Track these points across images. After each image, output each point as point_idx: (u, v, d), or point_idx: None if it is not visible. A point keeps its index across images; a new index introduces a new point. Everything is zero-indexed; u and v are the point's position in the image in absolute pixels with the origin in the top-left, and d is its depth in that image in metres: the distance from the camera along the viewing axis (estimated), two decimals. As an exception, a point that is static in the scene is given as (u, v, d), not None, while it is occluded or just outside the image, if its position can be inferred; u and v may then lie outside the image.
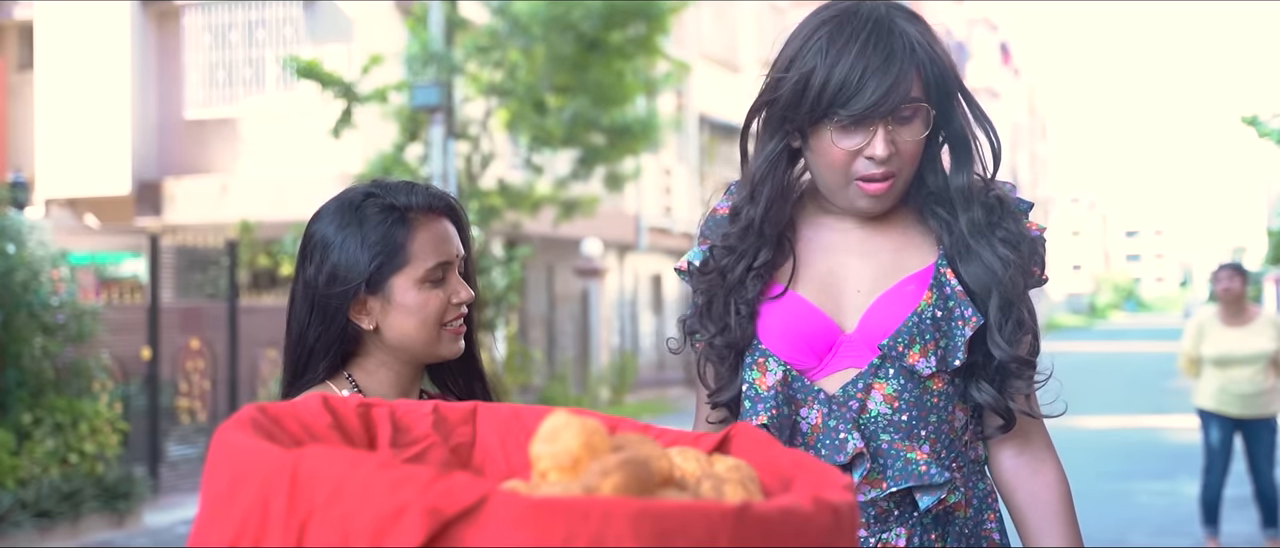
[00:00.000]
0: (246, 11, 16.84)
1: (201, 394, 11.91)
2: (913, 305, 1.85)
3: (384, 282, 1.91)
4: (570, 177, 15.17)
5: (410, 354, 1.95)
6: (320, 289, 1.94)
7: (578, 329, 20.49)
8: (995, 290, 1.85)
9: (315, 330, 1.97)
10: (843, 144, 1.82)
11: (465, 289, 1.95)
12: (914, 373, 1.83)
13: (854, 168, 1.83)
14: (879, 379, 1.84)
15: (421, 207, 1.93)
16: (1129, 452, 13.94)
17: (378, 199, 1.94)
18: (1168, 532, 9.19)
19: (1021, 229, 1.93)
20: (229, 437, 1.03)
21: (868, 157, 1.82)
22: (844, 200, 1.88)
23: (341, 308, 1.93)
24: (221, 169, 17.06)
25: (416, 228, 1.92)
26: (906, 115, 1.82)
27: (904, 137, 1.83)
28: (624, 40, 13.80)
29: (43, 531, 8.88)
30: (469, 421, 1.31)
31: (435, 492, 0.89)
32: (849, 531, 1.01)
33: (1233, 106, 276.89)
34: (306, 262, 1.97)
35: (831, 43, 1.81)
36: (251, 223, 15.46)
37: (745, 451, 1.22)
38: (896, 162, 1.83)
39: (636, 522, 0.87)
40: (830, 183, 1.87)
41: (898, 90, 1.79)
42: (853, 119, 1.79)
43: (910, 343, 1.83)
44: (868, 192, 1.84)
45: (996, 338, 1.84)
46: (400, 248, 1.91)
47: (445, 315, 1.94)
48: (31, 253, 9.24)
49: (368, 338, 1.96)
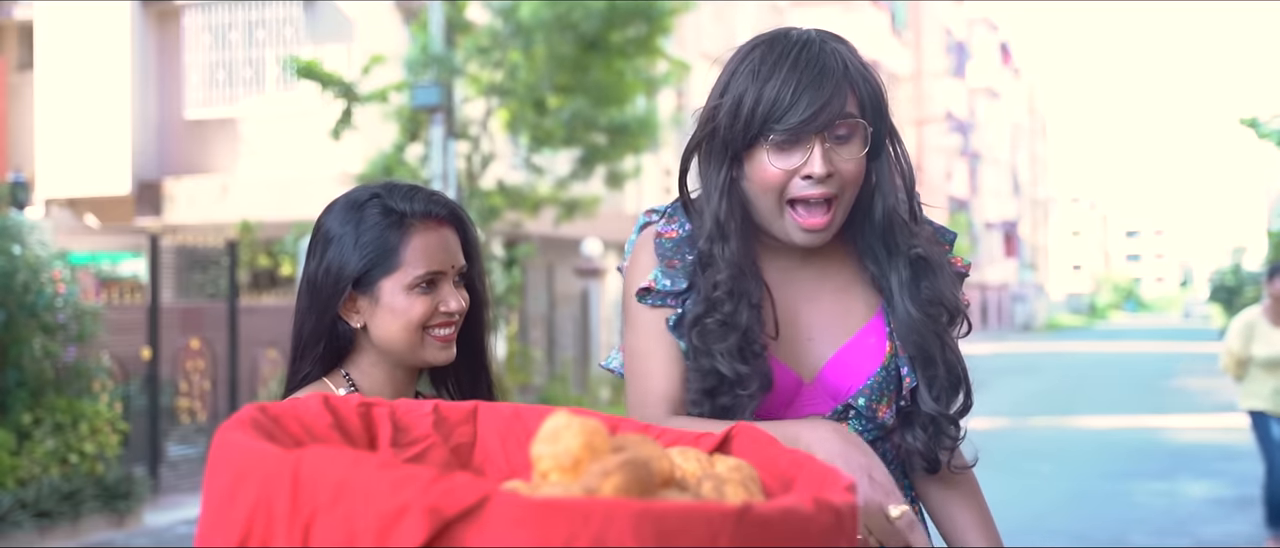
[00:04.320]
0: (246, 11, 16.84)
1: (201, 394, 11.90)
2: (877, 360, 1.85)
3: (374, 283, 1.94)
4: (570, 176, 15.17)
5: (396, 357, 1.98)
6: (316, 282, 1.97)
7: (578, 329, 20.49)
8: (914, 345, 1.85)
9: (309, 323, 1.98)
10: (778, 164, 1.78)
11: (456, 299, 1.96)
12: (880, 423, 1.86)
13: (790, 188, 1.79)
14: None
15: (419, 213, 1.95)
16: (1129, 452, 13.94)
17: (380, 201, 1.96)
18: (1168, 532, 9.19)
19: (940, 285, 1.88)
20: (230, 437, 1.03)
21: (805, 175, 1.77)
22: (780, 232, 1.83)
23: (331, 304, 1.96)
24: (221, 169, 17.06)
25: (412, 234, 1.94)
26: (843, 134, 1.79)
27: (843, 156, 1.79)
28: (624, 40, 13.80)
29: (43, 531, 8.88)
30: (470, 421, 1.31)
31: (436, 492, 0.89)
32: (850, 531, 1.01)
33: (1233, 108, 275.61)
34: (310, 254, 2.00)
35: (763, 63, 1.79)
36: (251, 223, 15.46)
37: (746, 451, 1.22)
38: (836, 182, 1.79)
39: (637, 523, 0.87)
40: (766, 209, 1.82)
41: (832, 105, 1.76)
42: (788, 135, 1.76)
43: (879, 398, 1.85)
44: (803, 225, 1.80)
45: (923, 394, 1.85)
46: (392, 252, 1.93)
47: (431, 321, 1.95)
48: (32, 253, 9.24)
49: (360, 336, 1.98)
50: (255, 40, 16.81)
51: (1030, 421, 16.69)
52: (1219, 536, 9.12)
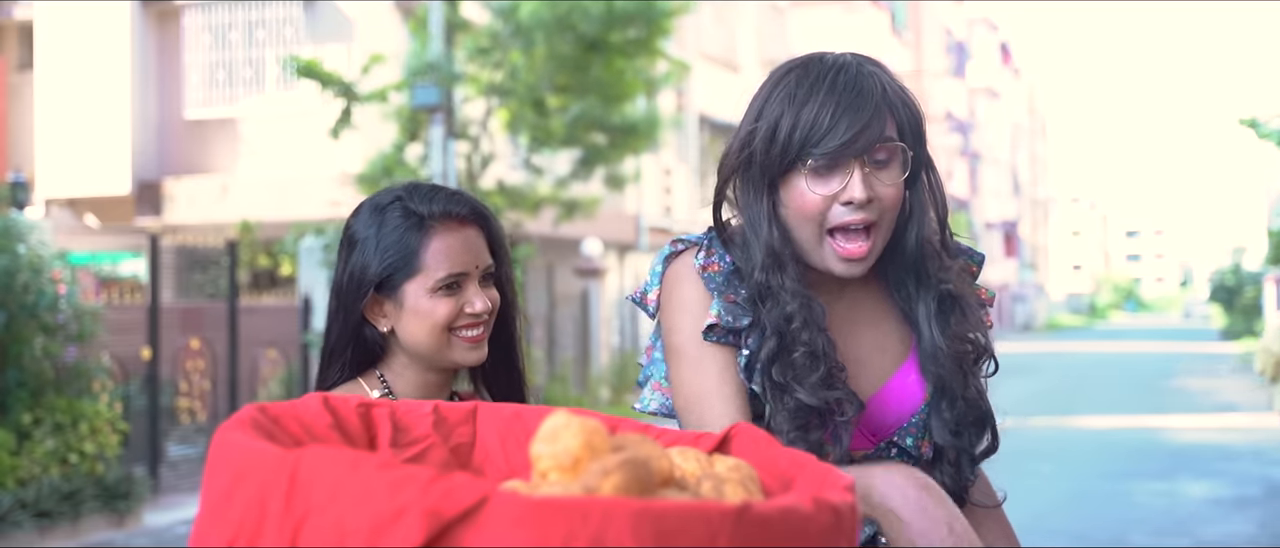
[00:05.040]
0: (246, 11, 16.84)
1: (201, 394, 11.91)
2: (918, 399, 1.84)
3: (397, 287, 1.93)
4: (570, 177, 15.17)
5: (425, 359, 1.96)
6: (342, 287, 1.97)
7: (578, 329, 20.48)
8: (935, 384, 1.82)
9: (336, 327, 1.98)
10: (817, 190, 1.73)
11: (481, 299, 1.94)
12: (919, 461, 1.84)
13: (830, 216, 1.74)
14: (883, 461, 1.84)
15: (439, 214, 1.93)
16: (1129, 452, 13.94)
17: (401, 203, 1.94)
18: (1168, 532, 9.19)
19: (970, 322, 1.86)
20: (229, 437, 1.03)
21: (845, 201, 1.73)
22: (818, 260, 1.78)
23: (355, 308, 1.95)
24: (221, 169, 17.06)
25: (432, 236, 1.92)
26: (882, 158, 1.74)
27: (883, 181, 1.74)
28: (624, 41, 13.80)
29: (43, 531, 8.88)
30: (469, 421, 1.31)
31: (435, 493, 0.89)
32: (849, 531, 1.01)
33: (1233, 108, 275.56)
34: (338, 258, 2.00)
35: (799, 87, 1.74)
36: (251, 223, 15.46)
37: (745, 450, 1.22)
38: (876, 208, 1.74)
39: (636, 522, 0.87)
40: (805, 238, 1.77)
41: (872, 128, 1.71)
42: (827, 160, 1.72)
43: (923, 435, 1.84)
44: (842, 254, 1.75)
45: (935, 426, 1.82)
46: (413, 255, 1.92)
47: (456, 323, 1.93)
48: (32, 253, 9.24)
49: (391, 339, 1.97)
50: (255, 40, 16.81)
51: (1030, 421, 16.69)
52: (1219, 536, 9.12)
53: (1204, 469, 12.44)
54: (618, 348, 21.75)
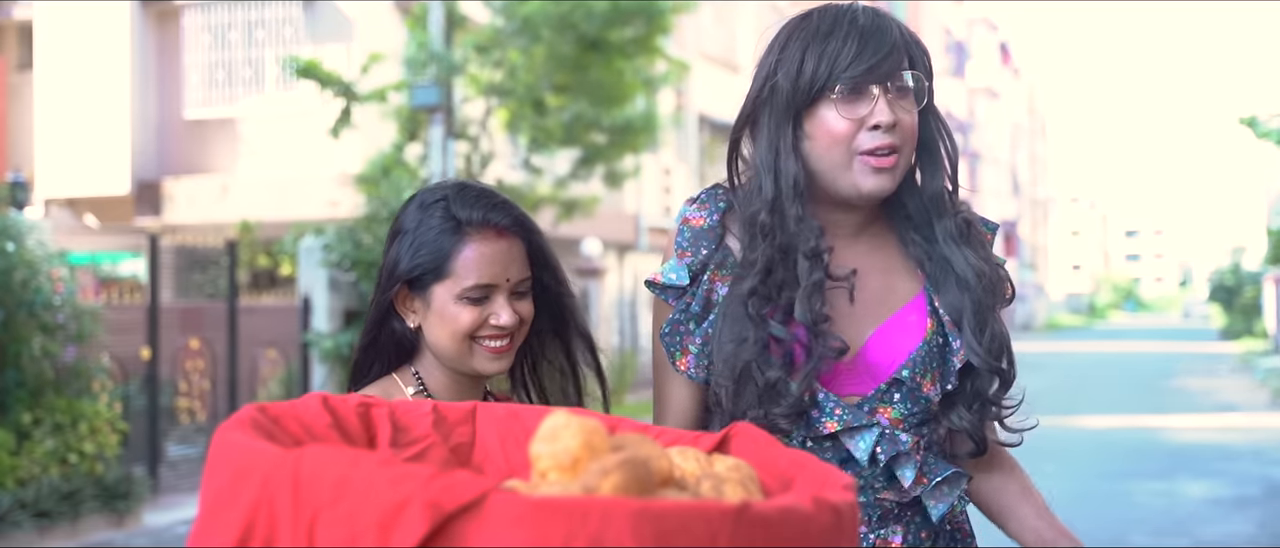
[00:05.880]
0: (246, 11, 16.83)
1: (201, 394, 11.90)
2: (920, 335, 1.86)
3: (427, 287, 1.93)
4: (570, 176, 15.17)
5: (447, 362, 1.96)
6: (382, 273, 1.97)
7: (577, 329, 20.47)
8: (969, 305, 1.87)
9: (372, 311, 1.99)
10: (845, 114, 1.81)
11: (508, 313, 1.92)
12: (925, 400, 1.86)
13: (857, 141, 1.81)
14: (885, 404, 1.85)
15: (478, 222, 1.92)
16: (1129, 452, 13.94)
17: (445, 204, 1.94)
18: (1168, 532, 9.19)
19: (989, 252, 1.95)
20: (229, 436, 1.04)
21: (873, 125, 1.80)
22: (847, 183, 1.83)
23: (385, 297, 1.96)
24: (221, 169, 17.06)
25: (467, 243, 1.91)
26: (903, 86, 1.83)
27: (904, 107, 1.83)
28: (624, 40, 13.80)
29: (43, 531, 8.88)
30: (468, 421, 1.31)
31: (436, 488, 0.89)
32: (850, 531, 1.01)
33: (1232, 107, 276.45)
34: (387, 242, 2.00)
35: (820, 25, 1.84)
36: (251, 223, 15.46)
37: (745, 450, 1.22)
38: (899, 134, 1.82)
39: (636, 522, 0.87)
40: (832, 164, 1.83)
41: (894, 56, 1.81)
42: (852, 84, 1.80)
43: (924, 372, 1.85)
44: (874, 166, 1.81)
45: (976, 348, 1.85)
46: (445, 259, 1.91)
47: (480, 333, 1.92)
48: (31, 253, 9.24)
49: (420, 335, 1.97)
50: (255, 40, 16.81)
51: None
52: (1218, 536, 9.12)
53: (1204, 469, 12.44)
54: (618, 348, 21.76)
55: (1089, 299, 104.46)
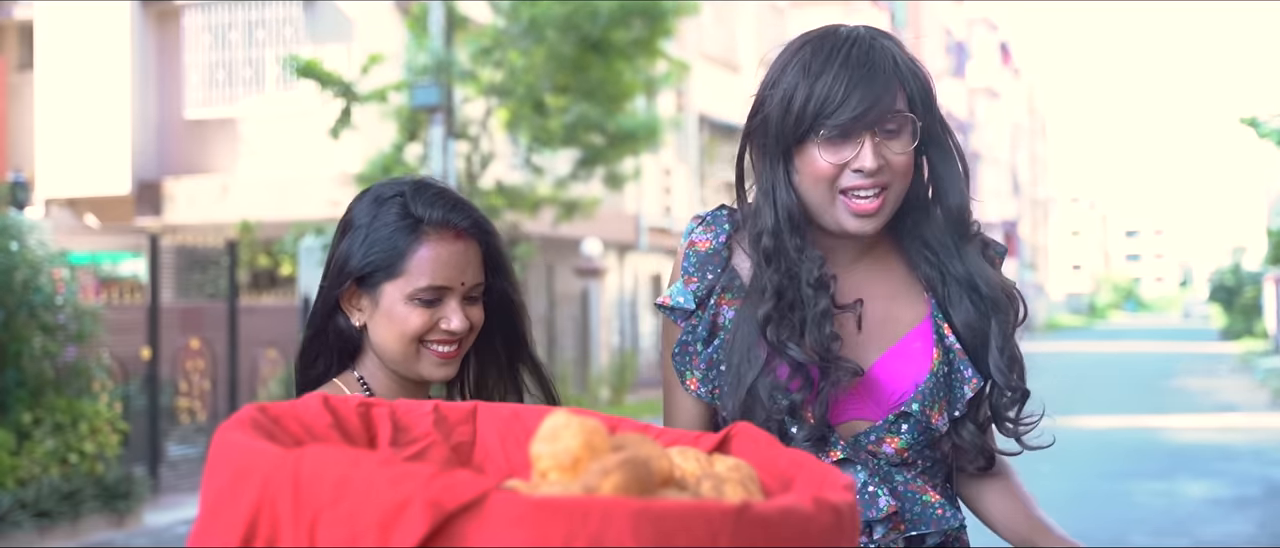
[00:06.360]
0: (246, 11, 16.83)
1: (201, 394, 11.91)
2: (927, 366, 1.86)
3: (377, 285, 1.86)
4: (570, 177, 15.17)
5: (391, 365, 1.89)
6: (328, 268, 1.91)
7: (578, 329, 20.50)
8: (995, 327, 1.87)
9: (317, 306, 1.92)
10: (829, 158, 1.80)
11: (459, 318, 1.85)
12: (931, 430, 1.86)
13: (841, 181, 1.80)
14: (892, 434, 1.85)
15: (437, 221, 1.85)
16: (1129, 452, 13.94)
17: (402, 201, 1.87)
18: (1168, 532, 9.19)
19: (1002, 274, 1.94)
20: (229, 437, 1.04)
21: (856, 169, 1.79)
22: (831, 220, 1.83)
23: (332, 293, 1.89)
24: (221, 169, 17.06)
25: (423, 242, 1.84)
26: (892, 128, 1.81)
27: (893, 150, 1.81)
28: (625, 41, 13.79)
29: (43, 531, 8.88)
30: (469, 420, 1.31)
31: (437, 487, 0.89)
32: (850, 531, 1.01)
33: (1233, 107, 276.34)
34: (334, 237, 1.93)
35: (813, 59, 1.81)
36: (251, 223, 15.46)
37: (745, 450, 1.22)
38: (887, 173, 1.81)
39: (636, 522, 0.87)
40: (817, 200, 1.83)
41: (883, 102, 1.78)
42: (839, 131, 1.78)
43: (932, 404, 1.85)
44: (855, 210, 1.81)
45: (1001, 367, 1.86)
46: (399, 257, 1.84)
47: (429, 336, 1.86)
48: (32, 253, 9.24)
49: (365, 335, 1.90)
50: (255, 40, 16.81)
51: (1030, 420, 16.64)
52: (1218, 536, 9.12)
53: (1203, 469, 12.44)
54: (618, 348, 21.76)
55: (1089, 299, 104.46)
